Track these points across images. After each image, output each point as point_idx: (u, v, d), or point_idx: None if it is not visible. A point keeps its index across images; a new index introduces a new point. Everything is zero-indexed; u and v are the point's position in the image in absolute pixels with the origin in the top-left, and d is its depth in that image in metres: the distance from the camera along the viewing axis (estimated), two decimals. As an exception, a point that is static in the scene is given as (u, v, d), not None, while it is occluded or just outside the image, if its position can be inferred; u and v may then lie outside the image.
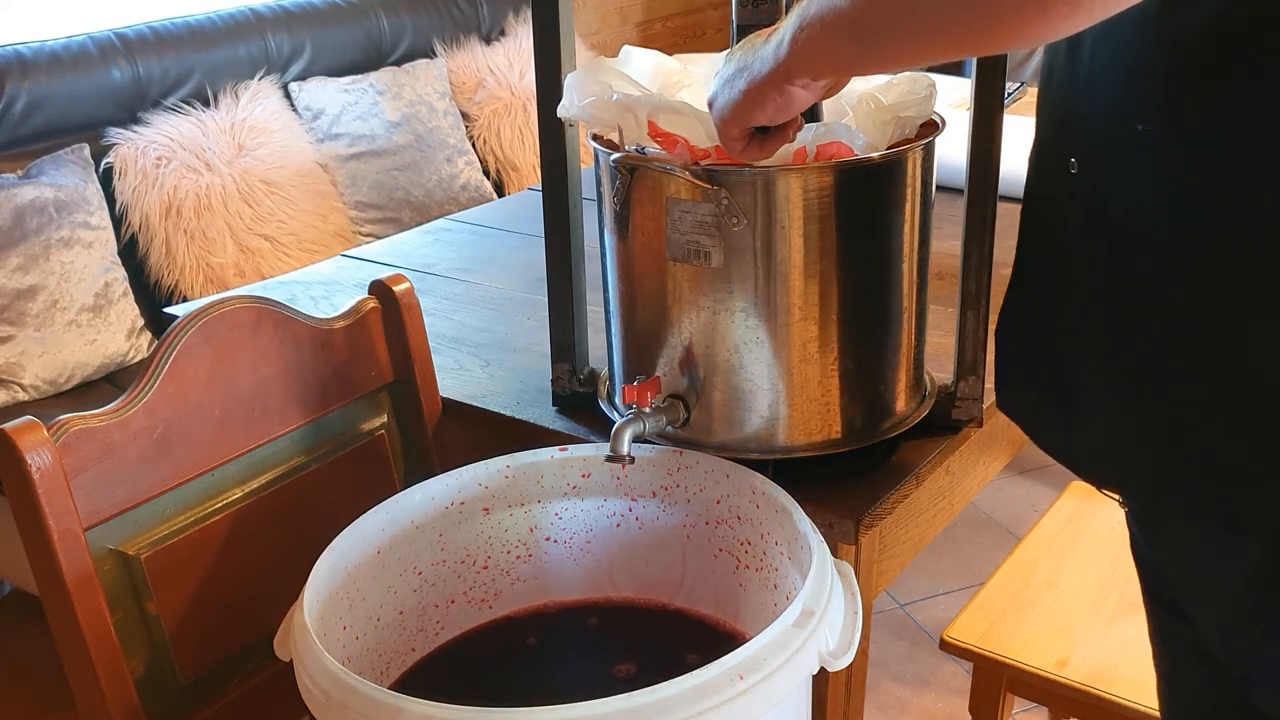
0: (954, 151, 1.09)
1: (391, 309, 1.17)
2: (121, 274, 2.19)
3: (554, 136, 1.09)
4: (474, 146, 2.87)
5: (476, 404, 1.22)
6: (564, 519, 1.09)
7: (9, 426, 0.90)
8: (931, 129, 1.02)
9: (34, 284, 2.04)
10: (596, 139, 1.03)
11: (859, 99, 1.00)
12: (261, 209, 2.39)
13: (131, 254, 2.27)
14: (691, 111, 0.95)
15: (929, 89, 0.99)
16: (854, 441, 1.05)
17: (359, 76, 2.70)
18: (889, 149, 0.98)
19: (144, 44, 2.39)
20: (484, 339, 1.38)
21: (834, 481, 1.04)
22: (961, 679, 2.07)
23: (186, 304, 1.88)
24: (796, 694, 0.84)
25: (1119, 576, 1.44)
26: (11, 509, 0.92)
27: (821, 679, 1.01)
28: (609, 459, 0.97)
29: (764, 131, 0.88)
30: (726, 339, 1.00)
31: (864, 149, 0.96)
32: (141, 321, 2.20)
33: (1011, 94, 2.23)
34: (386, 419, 1.20)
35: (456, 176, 2.75)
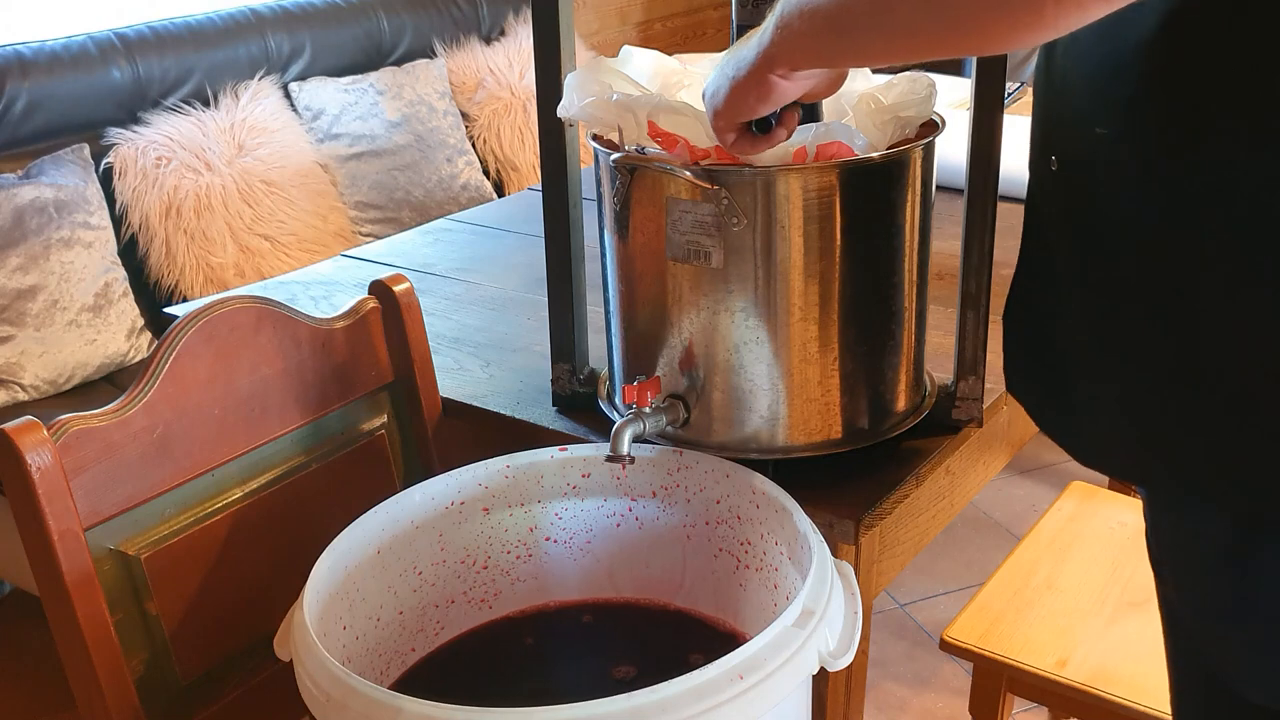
0: (954, 151, 1.09)
1: (391, 309, 1.17)
2: (121, 274, 2.19)
3: (554, 136, 1.09)
4: (474, 146, 2.87)
5: (476, 404, 1.22)
6: (564, 519, 1.09)
7: (9, 426, 0.90)
8: (931, 129, 1.02)
9: (34, 284, 2.04)
10: (596, 139, 1.03)
11: (859, 99, 1.00)
12: (261, 209, 2.39)
13: (131, 254, 2.27)
14: (691, 111, 0.95)
15: (929, 89, 0.99)
16: (854, 441, 1.05)
17: (359, 76, 2.70)
18: (889, 149, 0.98)
19: (144, 44, 2.39)
20: (484, 339, 1.38)
21: (834, 481, 1.04)
22: (961, 679, 2.07)
23: (186, 304, 1.88)
24: (796, 694, 0.84)
25: (1119, 576, 1.44)
26: (11, 509, 0.92)
27: (821, 679, 1.01)
28: (609, 459, 0.97)
29: (763, 129, 0.89)
30: (726, 339, 1.00)
31: (864, 149, 0.96)
32: (141, 321, 2.20)
33: (1011, 94, 2.23)
34: (386, 419, 1.20)
35: (456, 176, 2.75)
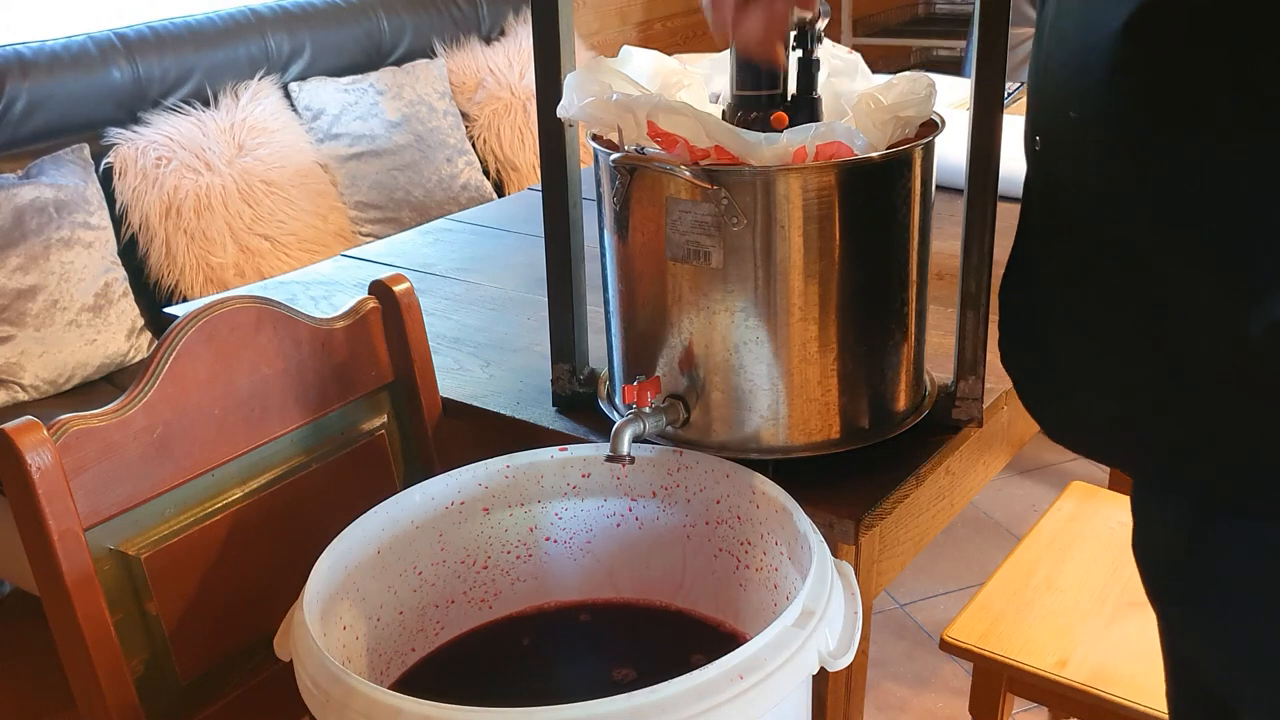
0: (954, 151, 1.09)
1: (391, 309, 1.17)
2: (121, 274, 2.19)
3: (554, 136, 1.09)
4: (474, 146, 2.87)
5: (476, 404, 1.22)
6: (564, 519, 1.09)
7: (9, 426, 0.90)
8: (931, 129, 1.02)
9: (34, 284, 2.04)
10: (596, 139, 1.03)
11: (859, 99, 1.00)
12: (261, 209, 2.39)
13: (131, 254, 2.27)
14: (691, 111, 0.95)
15: (929, 89, 0.99)
16: (854, 441, 1.05)
17: (359, 76, 2.70)
18: (889, 149, 0.98)
19: (144, 44, 2.39)
20: (484, 339, 1.38)
21: (834, 481, 1.04)
22: (961, 679, 2.07)
23: (186, 304, 1.88)
24: (796, 694, 0.84)
25: (1119, 576, 1.44)
26: (11, 509, 0.92)
27: (821, 679, 1.01)
28: (609, 459, 0.97)
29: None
30: (726, 339, 1.00)
31: (864, 149, 0.96)
32: (141, 321, 2.20)
33: (1011, 94, 2.23)
34: (386, 419, 1.20)
35: (456, 176, 2.75)
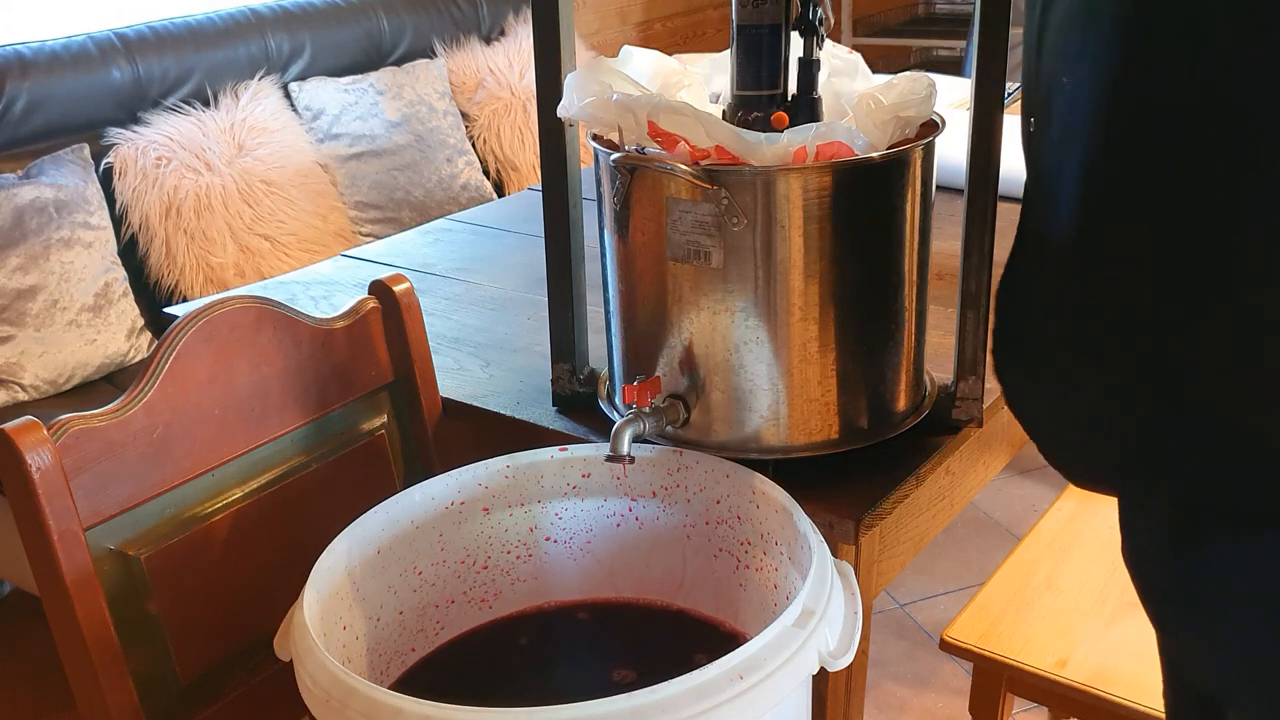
0: (954, 151, 1.09)
1: (391, 309, 1.17)
2: (121, 274, 2.19)
3: (554, 136, 1.09)
4: (474, 146, 2.87)
5: (476, 404, 1.22)
6: (564, 519, 1.09)
7: (9, 426, 0.90)
8: (931, 129, 1.02)
9: (34, 284, 2.04)
10: (596, 139, 1.03)
11: (859, 99, 1.00)
12: (261, 209, 2.39)
13: (131, 254, 2.27)
14: (692, 111, 0.95)
15: (929, 89, 0.99)
16: (854, 441, 1.05)
17: (359, 76, 2.70)
18: (889, 149, 0.98)
19: (144, 44, 2.39)
20: (484, 339, 1.38)
21: (834, 481, 1.04)
22: (961, 679, 2.07)
23: (186, 304, 1.88)
24: (796, 694, 0.84)
25: (1119, 576, 1.44)
26: (11, 509, 0.92)
27: (821, 679, 1.01)
28: (609, 459, 0.97)
29: None
30: (726, 339, 1.00)
31: (864, 149, 0.96)
32: (141, 321, 2.20)
33: (1011, 94, 2.22)
34: (386, 419, 1.20)
35: (456, 176, 2.75)
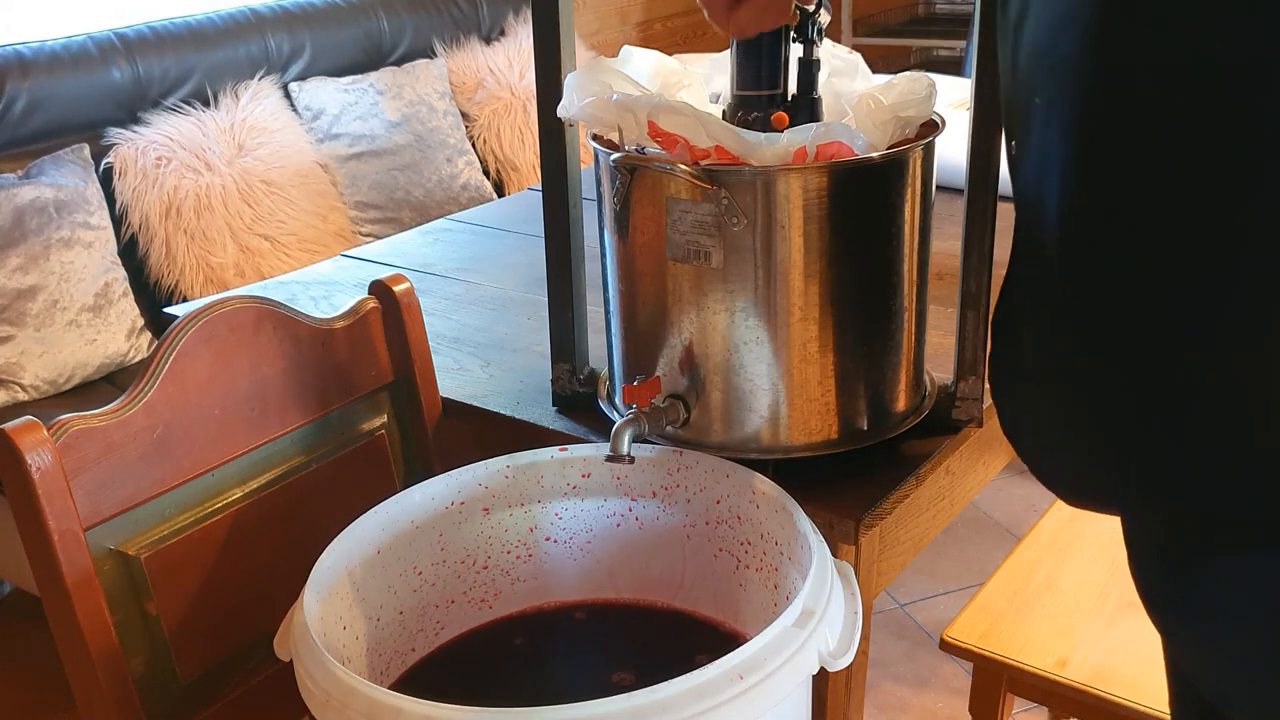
0: (954, 151, 1.09)
1: (391, 309, 1.17)
2: (121, 274, 2.19)
3: (554, 136, 1.09)
4: (474, 146, 2.87)
5: (476, 404, 1.22)
6: (564, 519, 1.09)
7: (9, 426, 0.90)
8: (931, 129, 1.02)
9: (34, 284, 2.04)
10: (596, 139, 1.03)
11: (859, 99, 1.00)
12: (261, 209, 2.39)
13: (131, 254, 2.27)
14: (692, 111, 0.95)
15: (929, 89, 0.99)
16: (854, 441, 1.05)
17: (359, 76, 2.70)
18: (889, 149, 0.98)
19: (144, 44, 2.39)
20: (484, 339, 1.38)
21: (834, 481, 1.04)
22: (961, 679, 2.07)
23: (186, 304, 1.88)
24: (796, 694, 0.84)
25: (1119, 576, 1.44)
26: (11, 509, 0.91)
27: (821, 679, 1.01)
28: (609, 459, 0.97)
29: None
30: (726, 339, 1.00)
31: (864, 149, 0.96)
32: (141, 321, 2.20)
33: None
34: (386, 419, 1.20)
35: (456, 176, 2.75)
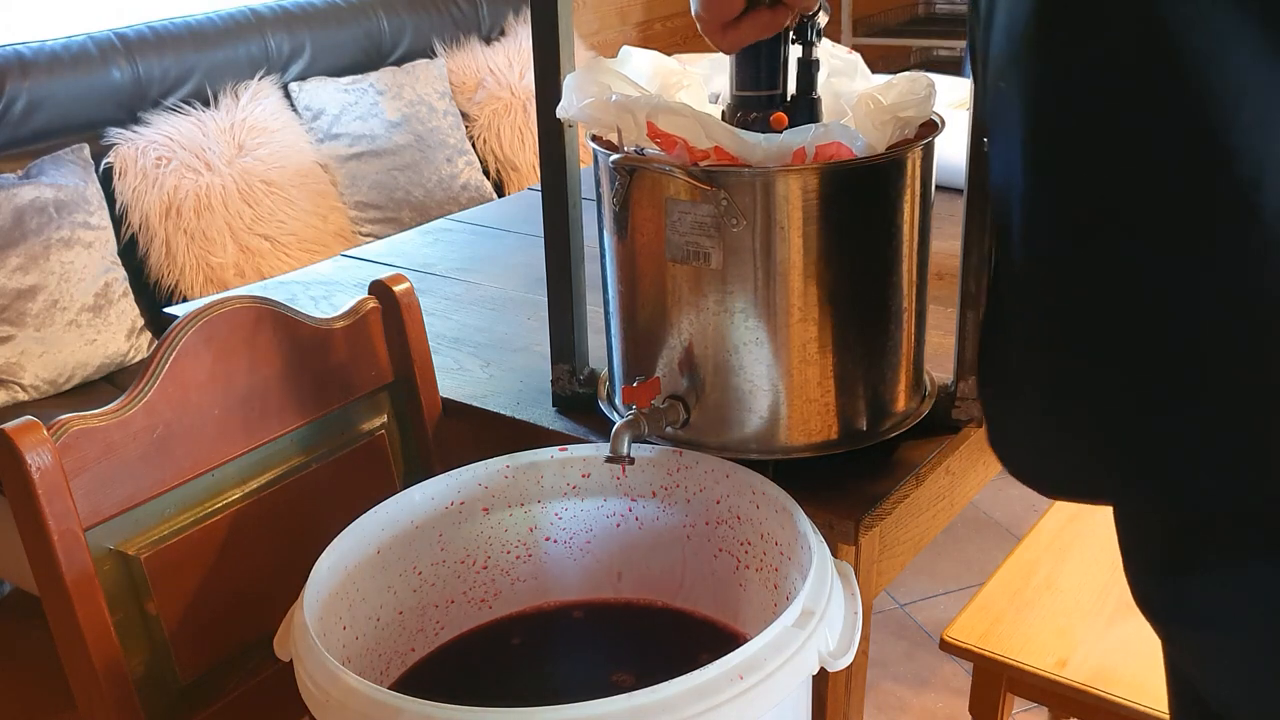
0: (954, 151, 1.09)
1: (391, 309, 1.17)
2: (121, 274, 2.19)
3: (554, 137, 1.09)
4: (474, 146, 2.87)
5: (476, 404, 1.22)
6: (564, 519, 1.09)
7: (9, 426, 0.90)
8: (931, 129, 1.02)
9: (34, 284, 2.04)
10: (596, 140, 1.03)
11: (859, 99, 1.00)
12: (261, 209, 2.39)
13: (131, 254, 2.27)
14: (691, 112, 0.95)
15: (929, 89, 0.99)
16: (854, 442, 1.05)
17: (359, 76, 2.70)
18: (889, 149, 0.98)
19: (144, 44, 2.39)
20: (484, 339, 1.38)
21: (834, 481, 1.04)
22: (961, 679, 2.07)
23: (186, 304, 1.88)
24: (796, 694, 0.84)
25: (1119, 576, 1.43)
26: (11, 509, 0.92)
27: (821, 679, 1.01)
28: (609, 459, 0.97)
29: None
30: (726, 340, 1.00)
31: (863, 149, 0.96)
32: (141, 321, 2.20)
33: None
34: (386, 419, 1.20)
35: (456, 176, 2.75)
